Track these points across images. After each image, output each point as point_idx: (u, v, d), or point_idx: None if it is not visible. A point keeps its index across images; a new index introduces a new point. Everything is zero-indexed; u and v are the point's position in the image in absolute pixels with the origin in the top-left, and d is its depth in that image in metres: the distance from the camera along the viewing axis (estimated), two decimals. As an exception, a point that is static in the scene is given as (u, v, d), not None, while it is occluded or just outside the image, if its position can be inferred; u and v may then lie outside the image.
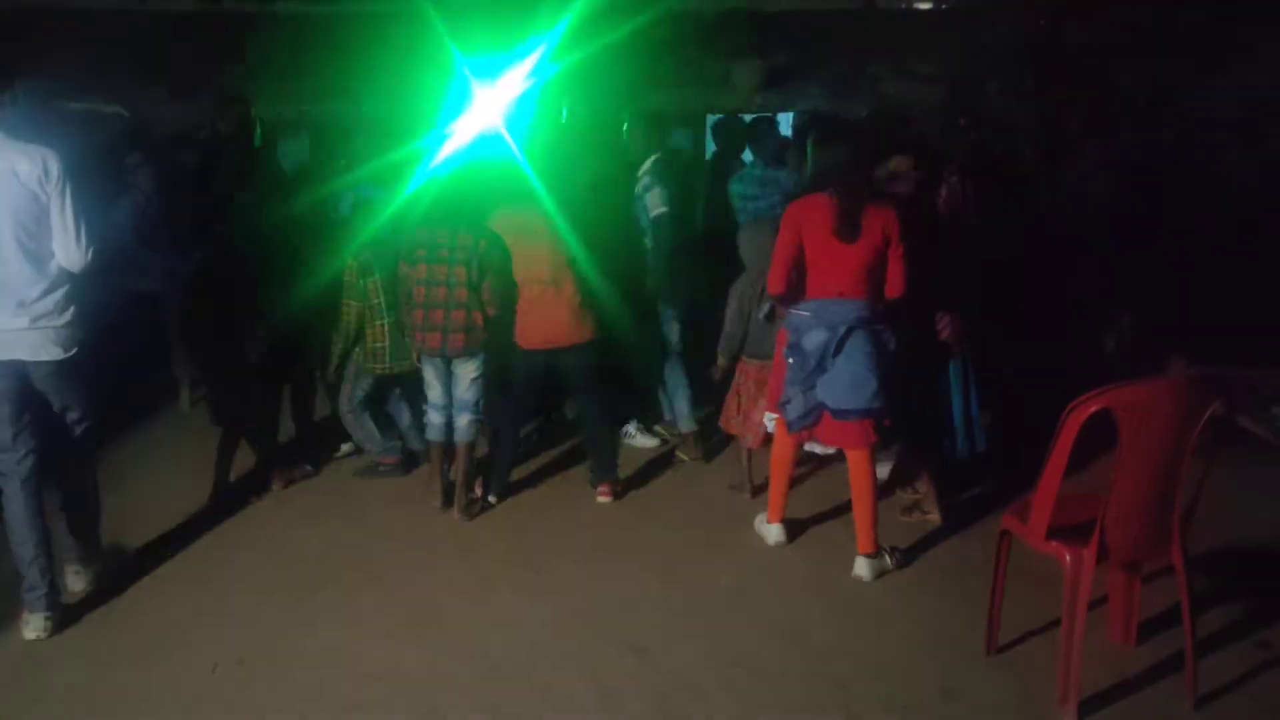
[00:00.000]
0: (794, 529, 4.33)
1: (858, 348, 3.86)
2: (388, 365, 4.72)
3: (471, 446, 4.60)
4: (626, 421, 5.34)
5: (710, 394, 5.07)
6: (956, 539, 4.32)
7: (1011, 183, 5.34)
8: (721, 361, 4.67)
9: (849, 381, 3.85)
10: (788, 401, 4.02)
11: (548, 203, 4.45)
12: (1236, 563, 4.00)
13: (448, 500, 4.62)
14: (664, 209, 4.87)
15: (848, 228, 3.83)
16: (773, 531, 4.30)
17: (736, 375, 4.67)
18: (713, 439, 5.18)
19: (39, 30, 6.92)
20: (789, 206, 4.02)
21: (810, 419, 3.99)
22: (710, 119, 7.06)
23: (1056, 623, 3.19)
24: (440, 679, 3.35)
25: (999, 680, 3.31)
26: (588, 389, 4.73)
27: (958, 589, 3.85)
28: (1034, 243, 5.21)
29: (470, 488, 4.62)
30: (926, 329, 4.16)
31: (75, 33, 7.09)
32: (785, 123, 6.76)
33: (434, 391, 4.61)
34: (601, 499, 4.71)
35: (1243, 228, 6.43)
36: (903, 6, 7.97)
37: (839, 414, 3.92)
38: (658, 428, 5.40)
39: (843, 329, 3.85)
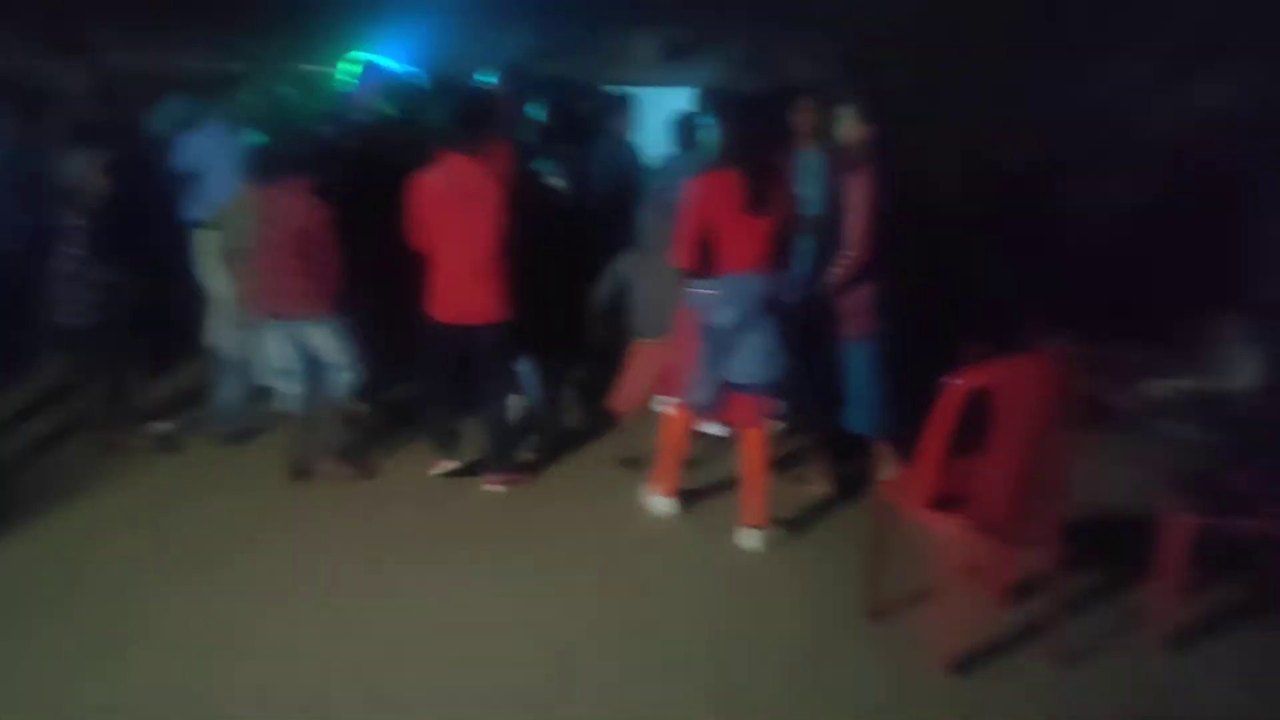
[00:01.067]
0: (681, 501, 4.38)
1: (767, 322, 3.91)
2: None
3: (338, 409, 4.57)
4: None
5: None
6: (847, 510, 4.45)
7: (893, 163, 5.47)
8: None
9: (759, 357, 3.92)
10: (697, 383, 4.04)
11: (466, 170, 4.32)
12: (1101, 530, 4.19)
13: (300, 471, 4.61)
14: (560, 183, 4.88)
15: (756, 203, 3.87)
16: (661, 504, 4.35)
17: (633, 356, 4.66)
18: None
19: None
20: (693, 183, 3.99)
21: (717, 399, 4.03)
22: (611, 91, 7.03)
23: (932, 587, 3.35)
24: (329, 662, 3.32)
25: (878, 645, 3.44)
26: (495, 371, 4.59)
27: (842, 558, 3.97)
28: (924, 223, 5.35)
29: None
30: (830, 303, 4.25)
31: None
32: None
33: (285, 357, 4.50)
34: (491, 488, 4.57)
35: (1111, 212, 6.72)
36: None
37: (748, 389, 3.98)
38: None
39: (752, 304, 3.90)
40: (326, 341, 4.46)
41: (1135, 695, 3.18)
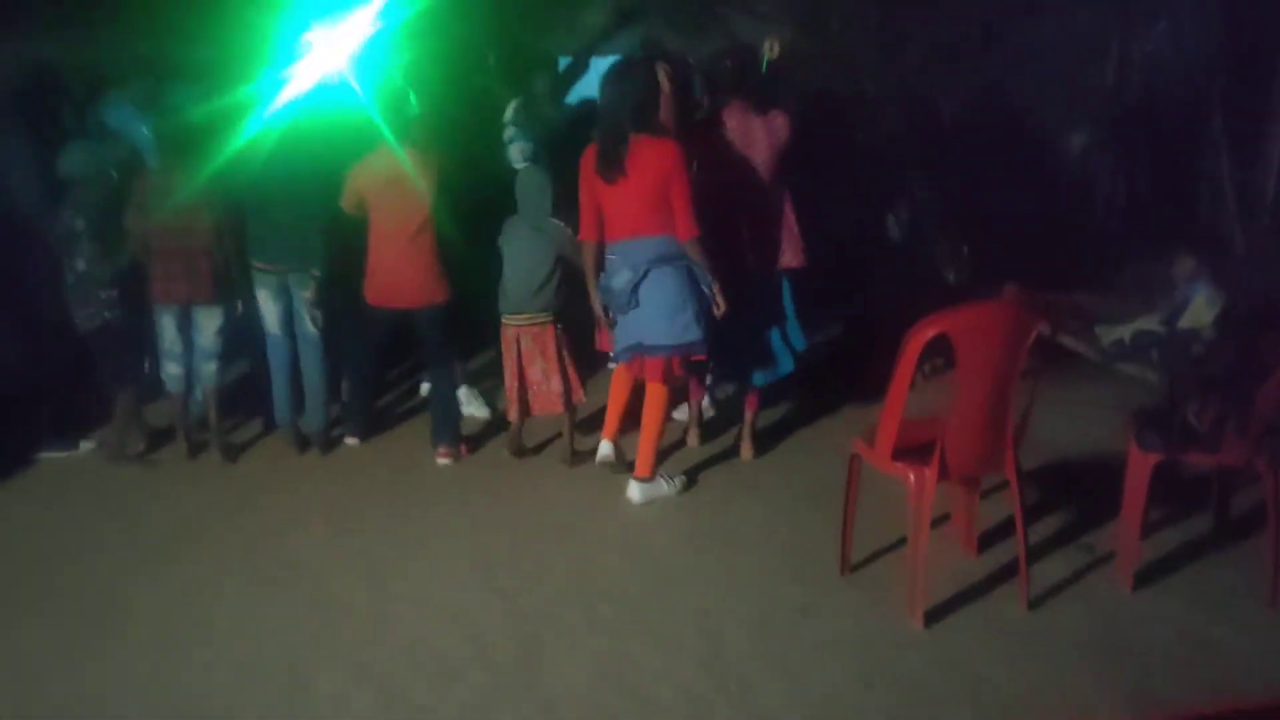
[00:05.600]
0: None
1: (662, 283, 3.91)
2: None
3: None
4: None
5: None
6: (811, 463, 4.48)
7: (838, 117, 5.48)
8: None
9: (655, 316, 3.93)
10: (612, 341, 4.10)
11: (399, 153, 4.29)
12: (1062, 473, 4.28)
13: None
14: (526, 161, 4.75)
15: (609, 168, 3.88)
16: (602, 448, 4.33)
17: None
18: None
19: None
20: (584, 153, 4.02)
21: (631, 355, 4.06)
22: (562, 61, 6.96)
23: (904, 540, 3.37)
24: (304, 636, 3.30)
25: (852, 596, 3.47)
26: (437, 350, 4.61)
27: (812, 513, 3.99)
28: (870, 175, 5.38)
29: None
30: (735, 258, 4.21)
31: None
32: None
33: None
34: (442, 460, 4.60)
35: (1062, 157, 6.78)
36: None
37: (651, 350, 3.99)
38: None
39: (644, 268, 3.91)
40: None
41: (1104, 631, 3.24)
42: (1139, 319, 5.48)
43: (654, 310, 3.92)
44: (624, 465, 4.32)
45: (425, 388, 5.14)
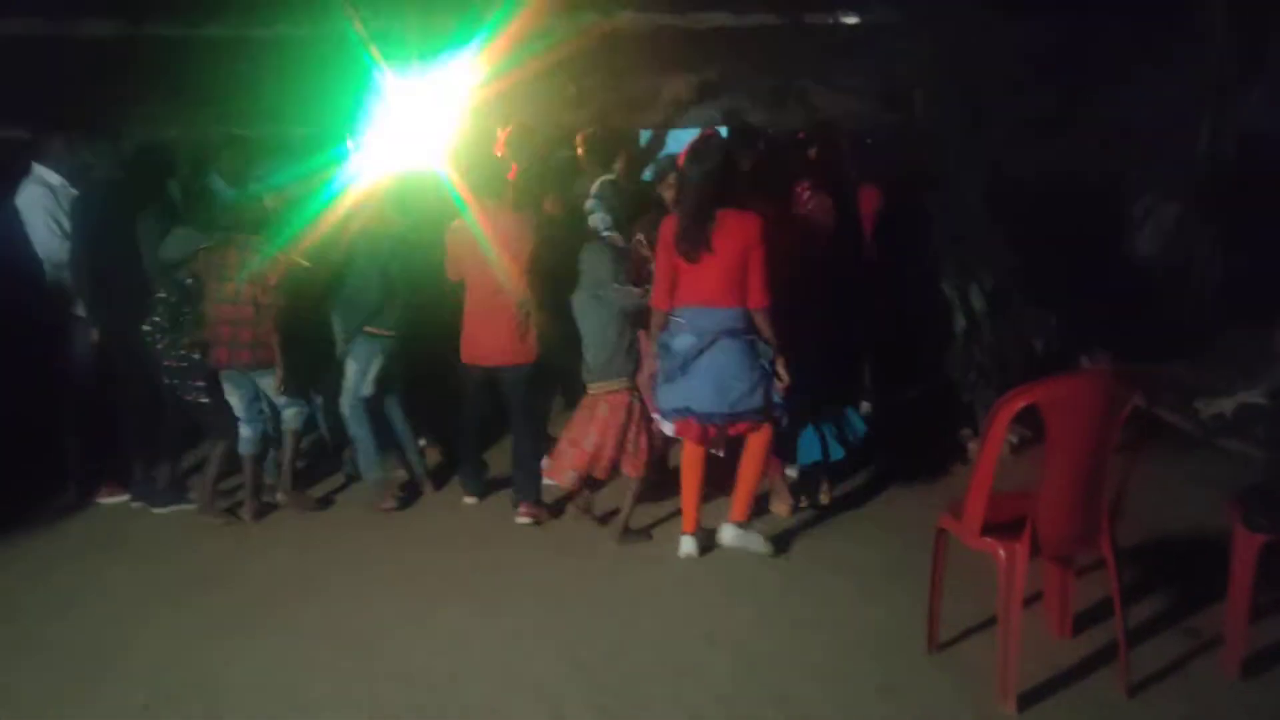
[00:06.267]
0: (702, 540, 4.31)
1: (723, 354, 3.97)
2: None
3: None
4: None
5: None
6: (894, 537, 4.37)
7: (920, 190, 5.47)
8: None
9: (712, 387, 3.98)
10: (661, 387, 4.12)
11: (491, 216, 4.49)
12: (1164, 552, 4.10)
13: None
14: (607, 228, 4.84)
15: (693, 247, 3.96)
16: (684, 543, 4.28)
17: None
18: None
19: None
20: (662, 223, 4.14)
21: (678, 418, 4.09)
22: (644, 135, 7.10)
23: (994, 619, 3.24)
24: (385, 705, 3.29)
25: (939, 677, 3.35)
26: (522, 410, 4.71)
27: (897, 589, 3.88)
28: (952, 246, 5.33)
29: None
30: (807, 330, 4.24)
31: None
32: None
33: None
34: (522, 519, 4.63)
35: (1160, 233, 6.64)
36: (830, 21, 8.07)
37: (703, 418, 4.03)
38: None
39: (709, 337, 3.97)
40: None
41: (1210, 723, 3.07)
42: (1241, 392, 5.28)
43: (708, 378, 3.98)
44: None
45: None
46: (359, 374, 4.79)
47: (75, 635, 3.76)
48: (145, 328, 4.57)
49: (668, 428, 4.22)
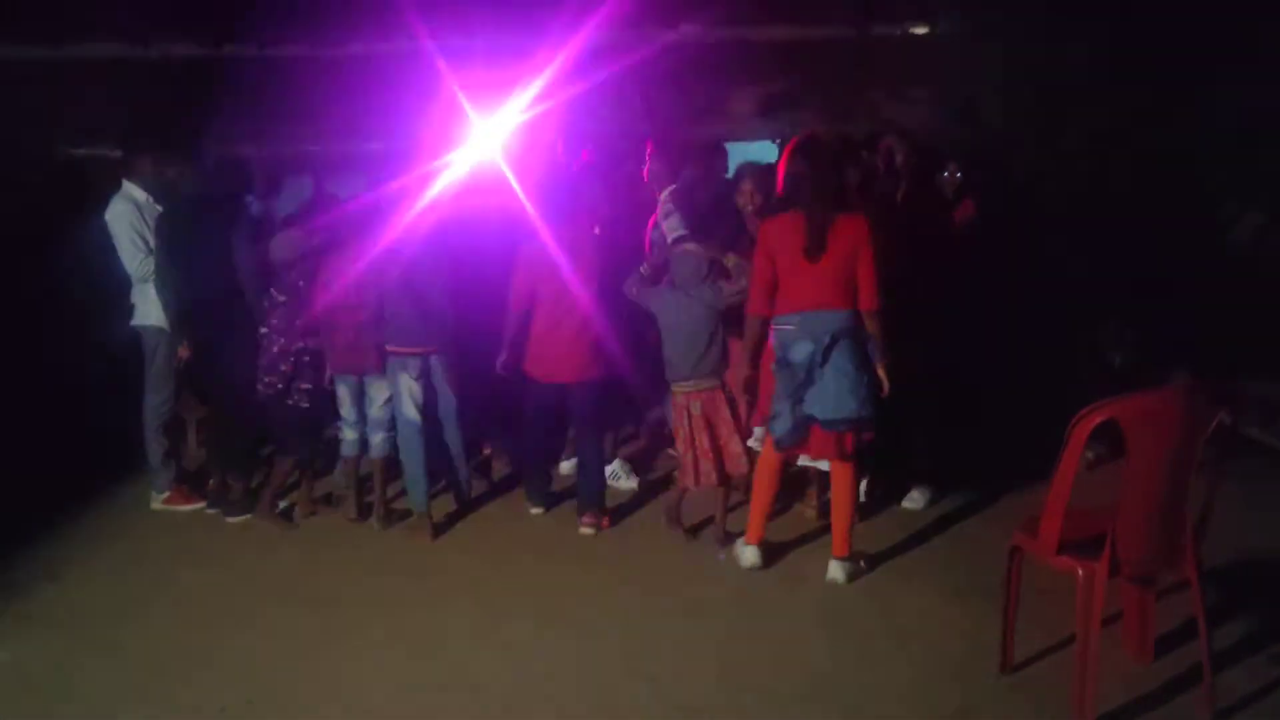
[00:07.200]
0: (769, 553, 4.30)
1: (844, 357, 3.89)
2: None
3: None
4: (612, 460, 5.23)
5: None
6: (967, 555, 4.30)
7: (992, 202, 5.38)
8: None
9: (836, 391, 3.89)
10: (776, 416, 4.03)
11: (563, 232, 4.55)
12: (1250, 575, 3.96)
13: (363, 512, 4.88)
14: (682, 232, 4.88)
15: (817, 248, 3.90)
16: (748, 554, 4.25)
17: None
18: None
19: (44, 83, 6.96)
20: (761, 226, 4.10)
21: (799, 434, 4.00)
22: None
23: (1071, 640, 3.15)
24: (446, 713, 3.32)
25: (1015, 699, 3.27)
26: (590, 422, 4.76)
27: (972, 608, 3.81)
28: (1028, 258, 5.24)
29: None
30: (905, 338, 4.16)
31: (81, 83, 7.13)
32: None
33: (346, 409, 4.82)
34: (585, 529, 4.68)
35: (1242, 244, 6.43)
36: (898, 33, 8.00)
37: (828, 424, 3.93)
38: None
39: (827, 339, 3.89)
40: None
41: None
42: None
43: (836, 384, 3.89)
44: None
45: (565, 465, 5.30)
46: (398, 398, 4.73)
47: (146, 639, 3.84)
48: (262, 330, 4.68)
49: (756, 442, 4.19)
